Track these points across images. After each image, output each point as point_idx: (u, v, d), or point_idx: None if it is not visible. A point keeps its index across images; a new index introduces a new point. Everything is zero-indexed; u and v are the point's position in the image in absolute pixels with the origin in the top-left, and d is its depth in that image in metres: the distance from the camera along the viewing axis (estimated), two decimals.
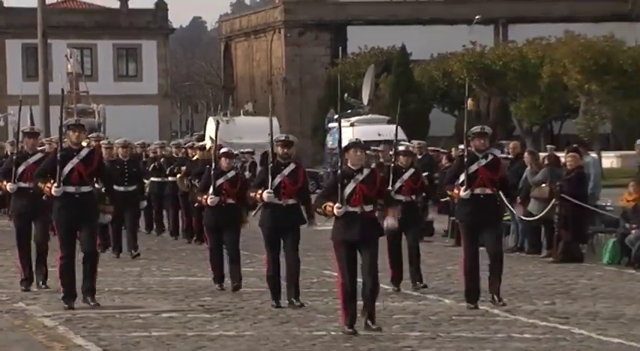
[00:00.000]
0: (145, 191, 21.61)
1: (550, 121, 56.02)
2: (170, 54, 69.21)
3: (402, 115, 16.70)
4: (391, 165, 14.98)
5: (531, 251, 19.69)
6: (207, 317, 12.71)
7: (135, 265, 18.15)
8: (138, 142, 24.76)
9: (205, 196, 14.58)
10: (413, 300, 14.04)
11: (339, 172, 11.44)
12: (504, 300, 13.16)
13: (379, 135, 37.47)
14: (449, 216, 22.56)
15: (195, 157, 21.75)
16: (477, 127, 13.37)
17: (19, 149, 14.81)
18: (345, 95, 52.52)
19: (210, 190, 14.52)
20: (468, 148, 13.32)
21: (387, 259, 14.60)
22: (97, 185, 13.68)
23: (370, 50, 61.57)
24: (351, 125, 43.78)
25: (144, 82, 65.02)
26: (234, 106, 57.08)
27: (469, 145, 13.30)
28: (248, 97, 66.86)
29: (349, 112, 47.47)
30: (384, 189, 11.85)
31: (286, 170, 13.05)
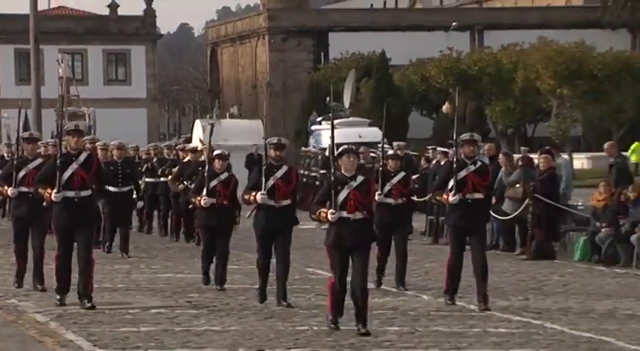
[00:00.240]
0: (141, 192, 21.49)
1: (524, 124, 56.11)
2: (158, 59, 69.05)
3: (381, 119, 16.65)
4: (380, 169, 14.79)
5: (506, 249, 19.73)
6: (194, 313, 12.70)
7: (124, 262, 18.12)
8: (131, 145, 24.76)
9: (199, 198, 14.48)
10: (392, 296, 14.05)
11: (332, 178, 11.28)
12: (489, 306, 12.85)
13: (360, 137, 37.47)
14: (427, 215, 22.59)
15: (187, 159, 21.69)
16: (467, 134, 13.19)
17: (19, 154, 14.67)
18: (327, 99, 52.53)
19: (204, 191, 14.42)
20: (456, 154, 13.10)
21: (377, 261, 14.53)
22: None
23: (351, 56, 61.58)
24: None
25: (133, 86, 64.88)
26: (220, 110, 56.94)
27: (458, 152, 13.08)
28: (234, 101, 66.77)
29: (331, 115, 47.44)
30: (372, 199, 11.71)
31: (279, 172, 12.95)
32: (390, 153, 15.23)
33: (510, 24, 65.43)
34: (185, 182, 20.36)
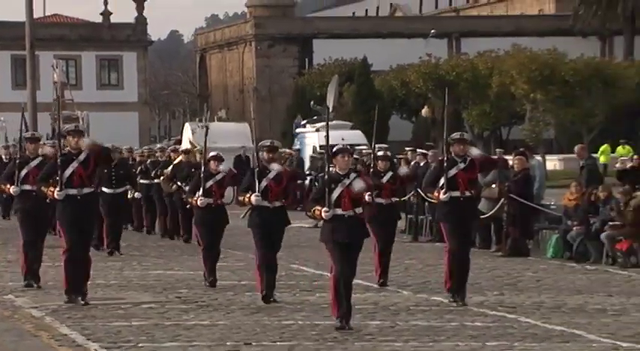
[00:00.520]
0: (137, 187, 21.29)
1: (499, 127, 56.24)
2: (149, 65, 68.93)
3: (364, 122, 16.69)
4: (370, 169, 14.64)
5: (482, 246, 19.76)
6: (184, 308, 12.68)
7: (117, 259, 18.08)
8: (125, 147, 24.68)
9: (195, 198, 14.35)
10: (373, 292, 14.06)
11: (326, 177, 11.17)
12: (466, 302, 12.71)
13: (342, 139, 37.43)
14: (406, 214, 22.60)
15: (178, 160, 21.59)
16: (457, 133, 13.08)
17: (21, 154, 14.50)
18: (312, 103, 52.48)
19: (200, 191, 14.28)
20: (447, 153, 12.89)
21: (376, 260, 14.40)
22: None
23: (334, 62, 61.65)
24: (317, 131, 43.75)
25: (125, 91, 64.76)
26: (208, 113, 56.89)
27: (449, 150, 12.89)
28: (221, 105, 66.69)
29: (315, 118, 47.46)
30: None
31: (271, 174, 12.83)
32: (380, 154, 15.07)
33: (486, 32, 65.62)
34: (178, 183, 20.28)
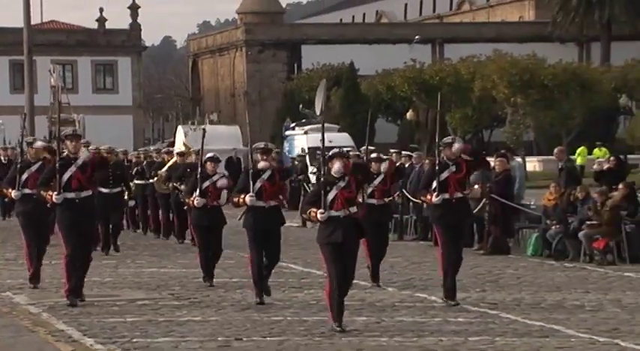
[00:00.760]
0: (132, 193, 21.26)
1: (481, 130, 56.32)
2: (143, 69, 68.81)
3: (350, 125, 16.67)
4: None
5: (464, 244, 19.73)
6: (177, 304, 12.67)
7: (112, 257, 18.04)
8: (120, 150, 24.64)
9: (192, 198, 14.23)
10: (359, 288, 14.04)
11: (322, 179, 11.02)
12: (457, 302, 12.55)
13: (330, 142, 37.36)
14: (392, 213, 22.55)
15: (173, 160, 21.55)
16: (448, 137, 12.98)
17: (22, 158, 14.37)
18: (300, 106, 52.46)
19: (197, 192, 14.16)
20: (439, 156, 12.69)
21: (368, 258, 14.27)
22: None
23: (322, 66, 61.66)
24: (305, 133, 43.72)
25: (119, 95, 64.66)
26: (200, 116, 56.80)
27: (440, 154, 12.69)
28: (213, 108, 66.64)
29: (303, 121, 47.44)
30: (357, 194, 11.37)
31: (265, 175, 12.71)
32: (373, 155, 14.92)
33: (468, 38, 65.76)
34: (174, 183, 20.23)
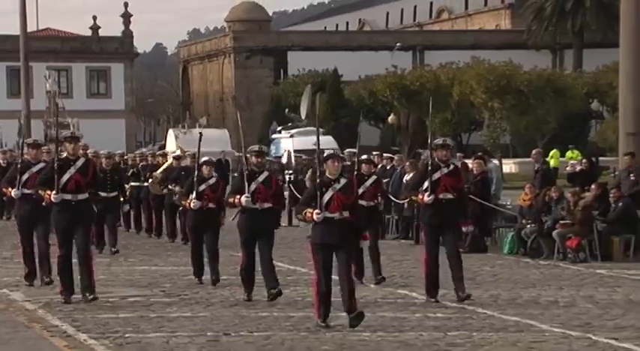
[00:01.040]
0: (127, 196, 21.11)
1: (460, 133, 56.42)
2: (135, 75, 68.70)
3: (334, 128, 16.68)
4: (354, 173, 14.29)
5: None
6: (167, 301, 12.64)
7: (105, 256, 17.97)
8: (118, 152, 24.52)
9: (188, 201, 14.11)
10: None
11: (317, 180, 10.88)
12: (468, 293, 12.38)
13: (314, 145, 37.36)
14: (381, 215, 22.53)
15: (169, 163, 21.46)
16: (440, 139, 12.85)
17: (22, 159, 14.24)
18: (286, 111, 52.48)
19: (193, 195, 14.05)
20: (431, 157, 12.60)
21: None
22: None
23: (307, 72, 61.72)
24: (291, 136, 43.73)
25: (113, 99, 64.57)
26: (190, 120, 56.74)
27: (432, 155, 12.60)
28: (203, 112, 66.60)
29: (289, 124, 47.48)
30: (356, 198, 11.21)
31: (260, 177, 12.55)
32: (364, 157, 14.74)
33: (447, 45, 65.92)
34: (170, 186, 20.14)
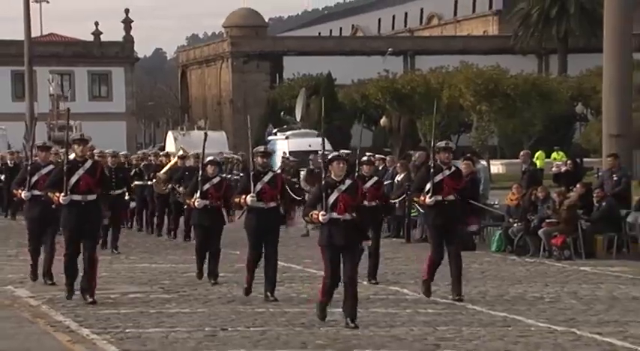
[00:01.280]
0: (133, 193, 21.02)
1: (449, 136, 56.40)
2: (136, 79, 68.65)
3: (327, 130, 16.64)
4: (356, 174, 14.14)
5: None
6: (167, 297, 12.64)
7: (106, 253, 17.94)
8: (122, 153, 24.51)
9: (193, 199, 14.03)
10: None
11: (323, 182, 10.70)
12: (461, 297, 12.19)
13: (309, 146, 37.47)
14: (382, 215, 22.46)
15: (173, 162, 21.42)
16: (442, 142, 12.77)
17: (32, 161, 14.21)
18: (282, 113, 52.45)
19: (198, 194, 13.96)
20: (434, 160, 12.57)
21: None
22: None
23: (302, 76, 61.76)
24: (287, 138, 43.73)
25: (114, 103, 64.54)
26: (189, 123, 56.73)
27: (435, 158, 12.57)
28: (201, 115, 66.56)
29: (285, 127, 47.47)
30: (360, 199, 10.98)
31: (266, 177, 12.48)
32: (365, 159, 14.58)
33: (437, 50, 66.00)
34: (174, 186, 20.09)
